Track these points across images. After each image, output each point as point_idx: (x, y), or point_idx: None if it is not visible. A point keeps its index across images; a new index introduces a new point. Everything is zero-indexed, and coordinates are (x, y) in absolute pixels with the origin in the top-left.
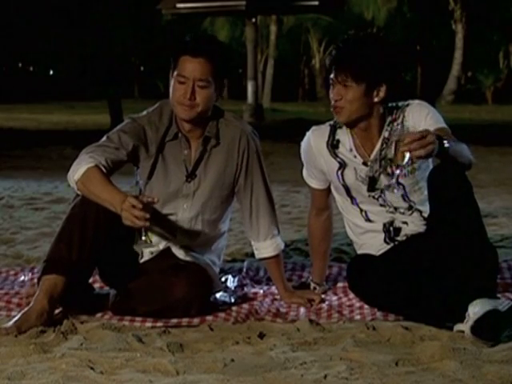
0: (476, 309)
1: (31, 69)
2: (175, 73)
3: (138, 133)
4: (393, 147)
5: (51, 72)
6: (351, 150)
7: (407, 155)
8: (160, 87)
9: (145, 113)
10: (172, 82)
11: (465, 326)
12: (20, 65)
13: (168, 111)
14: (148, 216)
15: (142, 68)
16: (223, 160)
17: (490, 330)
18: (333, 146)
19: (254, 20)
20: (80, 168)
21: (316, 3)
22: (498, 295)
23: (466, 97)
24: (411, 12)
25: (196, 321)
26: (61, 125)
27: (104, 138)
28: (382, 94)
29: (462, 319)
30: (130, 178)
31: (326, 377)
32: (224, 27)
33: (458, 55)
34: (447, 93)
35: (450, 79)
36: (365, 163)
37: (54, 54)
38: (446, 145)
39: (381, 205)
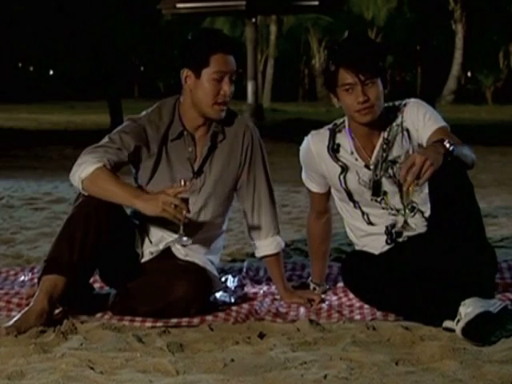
0: (468, 309)
1: (31, 69)
2: (206, 70)
3: (139, 133)
4: (398, 194)
5: (51, 72)
6: (352, 152)
7: (410, 193)
8: (160, 87)
9: (144, 113)
10: (203, 82)
11: (455, 326)
12: (20, 65)
13: (168, 110)
14: (188, 210)
15: (142, 68)
16: (227, 155)
17: (480, 332)
18: (333, 150)
19: (254, 20)
20: (87, 167)
21: (316, 3)
22: (498, 295)
23: (466, 97)
24: (411, 12)
25: (196, 321)
26: (61, 125)
27: (106, 139)
28: (388, 86)
29: (452, 316)
30: (129, 179)
31: (325, 377)
32: (224, 27)
33: (458, 55)
34: (447, 93)
35: (450, 79)
36: (367, 166)
37: (53, 54)
38: (450, 147)
39: (383, 208)
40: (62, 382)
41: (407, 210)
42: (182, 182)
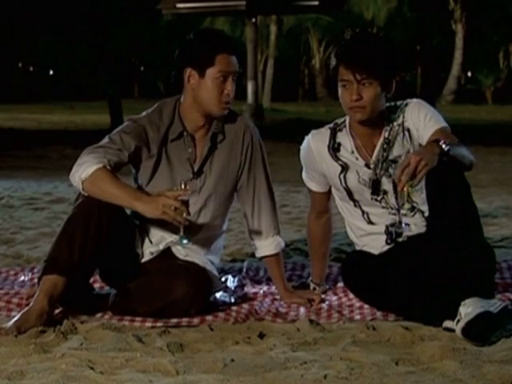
0: (468, 309)
1: (31, 69)
2: (211, 70)
3: (140, 133)
4: (393, 192)
5: (51, 72)
6: (353, 151)
7: (405, 192)
8: (160, 87)
9: (144, 113)
10: (207, 81)
11: (455, 326)
12: (20, 65)
13: (168, 110)
14: (188, 212)
15: (142, 68)
16: (227, 155)
17: (480, 333)
18: (334, 149)
19: (254, 20)
20: (88, 168)
21: (316, 3)
22: (498, 295)
23: (466, 97)
24: (411, 12)
25: (196, 321)
26: (61, 125)
27: (106, 140)
28: (393, 88)
29: (452, 316)
30: (129, 179)
31: (325, 377)
32: (224, 27)
33: (458, 55)
34: (447, 93)
35: (450, 79)
36: (367, 165)
37: (54, 54)
38: (446, 147)
39: (383, 207)
40: (62, 382)
41: (402, 210)
42: (183, 185)
